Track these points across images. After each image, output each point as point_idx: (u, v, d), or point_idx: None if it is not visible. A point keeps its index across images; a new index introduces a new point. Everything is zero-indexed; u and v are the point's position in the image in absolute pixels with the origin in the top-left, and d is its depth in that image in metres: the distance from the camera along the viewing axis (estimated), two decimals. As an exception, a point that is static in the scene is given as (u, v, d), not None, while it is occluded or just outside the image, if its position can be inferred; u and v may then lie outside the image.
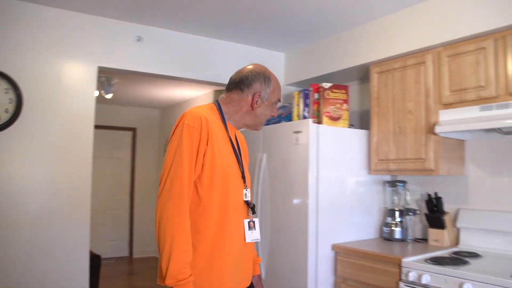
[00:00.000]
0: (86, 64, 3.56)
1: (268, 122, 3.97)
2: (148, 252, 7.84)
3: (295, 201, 3.31)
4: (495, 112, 2.67)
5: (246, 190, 1.99)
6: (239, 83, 2.01)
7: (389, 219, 3.44)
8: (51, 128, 3.40)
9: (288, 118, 3.78)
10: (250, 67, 2.07)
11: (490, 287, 2.25)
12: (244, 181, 1.99)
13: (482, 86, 2.75)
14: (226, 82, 4.13)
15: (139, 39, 3.75)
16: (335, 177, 3.36)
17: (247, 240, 1.95)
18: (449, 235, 3.15)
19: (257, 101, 1.99)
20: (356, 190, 3.48)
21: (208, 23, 3.74)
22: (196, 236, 1.80)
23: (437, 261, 2.63)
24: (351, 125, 3.81)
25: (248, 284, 2.00)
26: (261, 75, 2.03)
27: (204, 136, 1.81)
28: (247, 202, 1.98)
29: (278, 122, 3.78)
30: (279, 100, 2.11)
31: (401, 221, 3.39)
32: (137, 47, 3.76)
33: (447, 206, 3.27)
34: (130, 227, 7.81)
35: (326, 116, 3.46)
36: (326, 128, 3.34)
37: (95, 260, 4.06)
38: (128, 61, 3.72)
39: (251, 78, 2.01)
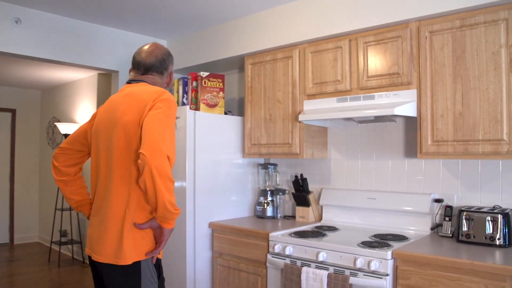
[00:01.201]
0: None
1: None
2: (30, 238, 7.48)
3: (175, 183, 3.42)
4: (348, 104, 2.99)
5: None
6: (159, 67, 2.19)
7: (261, 199, 3.69)
8: None
9: (169, 104, 3.86)
10: (161, 48, 2.23)
11: (340, 254, 2.56)
12: None
13: (339, 81, 3.06)
14: (107, 67, 4.13)
15: (17, 21, 3.58)
16: (212, 160, 3.52)
17: None
18: (313, 212, 3.47)
19: (171, 78, 2.32)
20: (231, 172, 3.68)
21: (89, 8, 3.65)
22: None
23: (299, 234, 2.91)
24: (228, 112, 3.99)
25: None
26: (171, 56, 2.27)
27: None
28: None
29: (160, 108, 3.84)
30: None
31: (272, 200, 3.65)
32: (15, 29, 3.57)
33: (312, 186, 3.60)
34: (11, 212, 7.37)
35: (203, 103, 3.59)
36: (203, 115, 3.48)
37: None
38: (6, 43, 3.53)
39: (167, 61, 2.23)
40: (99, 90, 6.06)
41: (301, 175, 3.54)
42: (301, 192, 3.50)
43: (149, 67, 2.16)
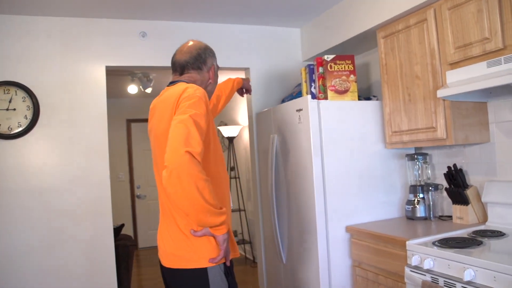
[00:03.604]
0: (94, 65, 3.53)
1: (282, 101, 3.69)
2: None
3: (302, 182, 3.02)
4: (503, 67, 2.18)
5: None
6: (195, 63, 2.02)
7: (411, 196, 3.02)
8: (67, 128, 3.42)
9: (299, 96, 3.46)
10: (196, 44, 2.08)
11: (494, 274, 1.84)
12: None
13: (487, 38, 2.26)
14: (245, 66, 3.92)
15: (143, 34, 3.63)
16: (345, 155, 3.01)
17: None
18: (475, 211, 2.69)
19: (214, 73, 2.10)
20: (372, 166, 3.10)
21: (212, 8, 3.49)
22: None
23: (445, 242, 2.23)
24: (373, 97, 3.41)
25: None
26: (209, 50, 2.09)
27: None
28: None
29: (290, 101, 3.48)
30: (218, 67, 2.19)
31: (423, 198, 2.96)
32: (142, 43, 3.63)
33: (475, 179, 2.80)
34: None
35: (331, 90, 3.10)
36: (329, 104, 2.99)
37: (126, 249, 4.06)
38: (135, 57, 3.62)
39: (203, 55, 2.04)
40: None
41: (454, 165, 2.78)
42: (456, 186, 2.75)
43: (184, 65, 2.02)
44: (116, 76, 5.47)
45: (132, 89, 5.62)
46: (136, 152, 7.62)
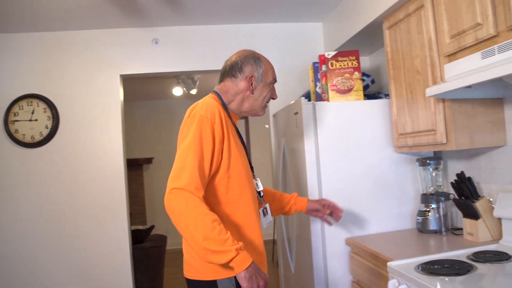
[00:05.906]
0: (110, 74, 3.55)
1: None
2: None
3: (301, 191, 2.73)
4: (496, 58, 1.74)
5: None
6: (230, 70, 1.87)
7: (422, 206, 2.60)
8: (85, 136, 3.47)
9: (308, 97, 3.15)
10: (241, 52, 1.93)
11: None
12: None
13: (479, 24, 1.82)
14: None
15: (156, 41, 3.54)
16: (348, 160, 2.67)
17: None
18: (488, 227, 2.22)
19: (252, 83, 1.85)
20: (380, 173, 2.70)
21: (223, 9, 3.31)
22: None
23: (428, 267, 1.84)
24: (385, 95, 3.02)
25: None
26: (251, 58, 1.88)
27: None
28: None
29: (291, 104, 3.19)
30: (275, 80, 1.95)
31: (435, 208, 2.53)
32: (155, 50, 3.56)
33: (489, 188, 2.32)
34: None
35: (332, 90, 2.76)
36: (327, 105, 2.67)
37: (143, 251, 4.06)
38: (149, 64, 3.58)
39: (241, 62, 1.87)
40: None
41: (462, 173, 2.32)
42: (464, 197, 2.30)
43: (222, 73, 1.90)
44: (161, 78, 5.47)
45: (177, 91, 5.59)
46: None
